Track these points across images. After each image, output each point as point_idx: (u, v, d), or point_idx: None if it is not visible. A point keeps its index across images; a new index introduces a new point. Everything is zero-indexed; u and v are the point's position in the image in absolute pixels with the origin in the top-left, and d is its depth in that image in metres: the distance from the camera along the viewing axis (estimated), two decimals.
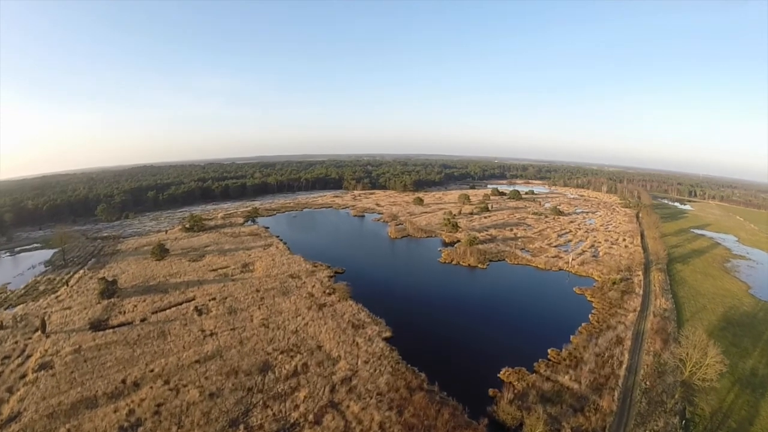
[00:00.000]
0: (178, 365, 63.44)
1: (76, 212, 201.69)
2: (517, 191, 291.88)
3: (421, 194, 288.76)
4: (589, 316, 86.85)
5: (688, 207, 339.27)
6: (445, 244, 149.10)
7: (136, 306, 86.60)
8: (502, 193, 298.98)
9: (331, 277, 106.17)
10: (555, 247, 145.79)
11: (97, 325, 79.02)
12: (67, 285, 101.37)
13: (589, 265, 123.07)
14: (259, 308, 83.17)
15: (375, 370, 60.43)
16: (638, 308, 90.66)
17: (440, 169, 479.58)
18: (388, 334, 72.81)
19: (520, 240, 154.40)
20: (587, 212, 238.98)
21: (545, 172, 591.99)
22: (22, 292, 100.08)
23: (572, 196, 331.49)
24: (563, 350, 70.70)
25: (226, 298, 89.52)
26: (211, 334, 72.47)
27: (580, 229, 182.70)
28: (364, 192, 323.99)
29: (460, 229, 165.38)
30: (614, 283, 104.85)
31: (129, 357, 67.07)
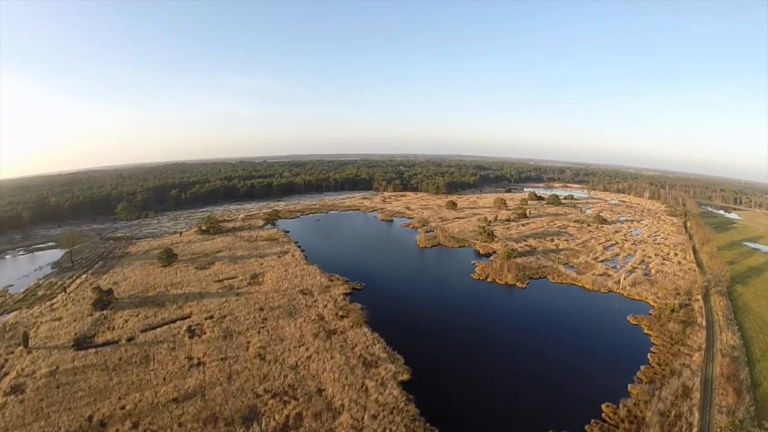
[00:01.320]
0: (152, 403, 55.45)
1: (98, 210, 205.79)
2: (556, 196, 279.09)
3: (454, 197, 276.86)
4: (648, 355, 73.20)
5: (734, 215, 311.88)
6: (479, 256, 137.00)
7: (126, 321, 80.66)
8: (540, 198, 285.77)
9: (348, 294, 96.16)
10: (602, 262, 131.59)
11: (81, 343, 73.56)
12: (65, 291, 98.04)
13: (641, 286, 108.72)
14: (259, 333, 74.38)
15: (385, 430, 49.29)
16: (703, 345, 76.79)
17: (475, 171, 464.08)
18: (405, 376, 61.32)
19: (562, 253, 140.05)
20: (632, 221, 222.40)
21: (583, 175, 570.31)
22: (21, 296, 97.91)
23: (613, 202, 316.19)
24: (620, 406, 57.57)
25: (224, 317, 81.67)
26: (198, 364, 64.28)
27: (626, 240, 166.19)
28: (394, 194, 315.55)
29: (496, 239, 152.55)
30: (673, 310, 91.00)
31: (103, 387, 60.12)
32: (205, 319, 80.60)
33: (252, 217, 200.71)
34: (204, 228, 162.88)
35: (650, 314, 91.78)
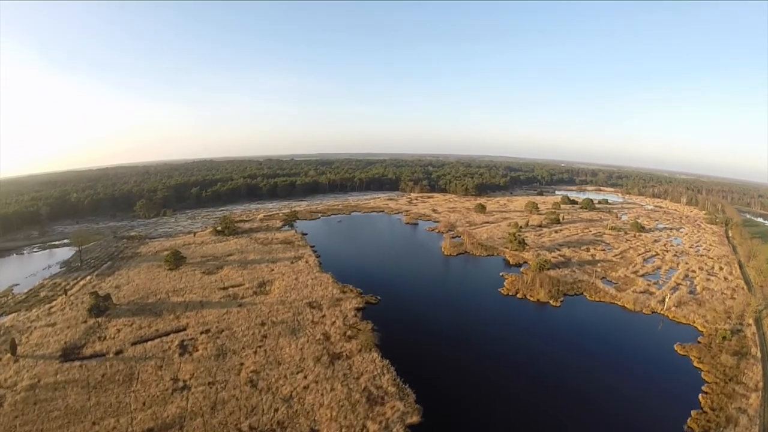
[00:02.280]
0: None
1: (118, 206, 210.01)
2: (590, 200, 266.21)
3: (483, 200, 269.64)
4: (700, 397, 62.74)
5: None
6: (509, 266, 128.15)
7: (119, 331, 77.36)
8: (573, 202, 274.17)
9: (360, 309, 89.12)
10: (642, 276, 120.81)
11: (68, 353, 70.66)
12: (66, 294, 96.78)
13: (688, 306, 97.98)
14: (255, 353, 68.65)
15: None
16: (760, 383, 66.47)
17: (505, 172, 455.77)
18: (415, 418, 53.27)
19: (599, 265, 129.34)
20: (671, 228, 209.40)
21: (616, 178, 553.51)
22: (23, 297, 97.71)
23: (650, 208, 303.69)
24: None
25: (222, 331, 76.72)
26: (183, 388, 59.14)
27: (667, 251, 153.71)
28: (421, 195, 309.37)
29: (527, 247, 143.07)
30: (724, 338, 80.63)
31: (80, 407, 56.11)
32: (201, 333, 75.88)
33: (271, 218, 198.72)
34: (219, 229, 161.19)
35: (699, 342, 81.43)
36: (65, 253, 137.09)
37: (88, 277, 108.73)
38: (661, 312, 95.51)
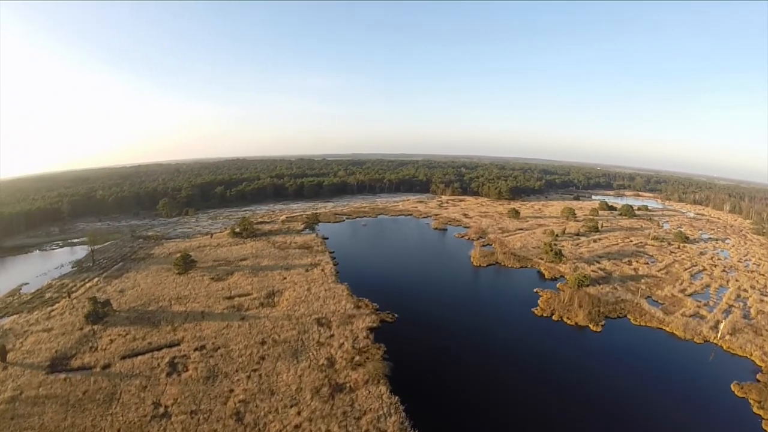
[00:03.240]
0: None
1: (143, 204, 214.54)
2: (630, 206, 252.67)
3: (517, 204, 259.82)
4: None
5: None
6: (544, 280, 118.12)
7: (112, 342, 74.51)
8: (611, 208, 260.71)
9: (373, 329, 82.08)
10: (690, 296, 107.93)
11: (56, 364, 68.27)
12: (69, 297, 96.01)
13: (743, 335, 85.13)
14: (249, 378, 63.15)
15: None
16: None
17: (540, 175, 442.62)
18: None
19: (643, 281, 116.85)
20: (716, 239, 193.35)
21: (654, 183, 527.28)
22: (29, 298, 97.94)
23: (692, 215, 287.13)
24: None
25: (217, 349, 72.00)
26: (163, 416, 54.40)
27: (715, 266, 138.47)
28: (452, 198, 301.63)
29: (564, 259, 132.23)
30: None
31: (54, 428, 52.92)
32: (195, 350, 71.45)
33: (293, 219, 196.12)
34: (237, 230, 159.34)
35: (758, 380, 69.32)
36: (82, 251, 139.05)
37: (96, 279, 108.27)
38: (715, 341, 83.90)
